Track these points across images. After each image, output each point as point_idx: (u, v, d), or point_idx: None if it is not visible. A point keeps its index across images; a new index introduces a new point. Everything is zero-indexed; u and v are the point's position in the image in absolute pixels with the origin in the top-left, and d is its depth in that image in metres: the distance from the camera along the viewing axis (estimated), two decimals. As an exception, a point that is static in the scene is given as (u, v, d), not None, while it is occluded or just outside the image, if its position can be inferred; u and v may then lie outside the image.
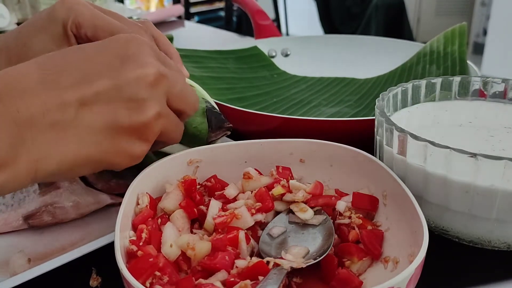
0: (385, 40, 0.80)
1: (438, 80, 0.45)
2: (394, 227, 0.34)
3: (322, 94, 0.70)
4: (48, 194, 0.41)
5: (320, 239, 0.34)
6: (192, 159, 0.40)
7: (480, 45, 2.83)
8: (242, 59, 0.75)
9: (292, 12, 3.39)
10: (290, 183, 0.38)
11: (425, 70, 0.66)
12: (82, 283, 0.35)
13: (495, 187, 0.32)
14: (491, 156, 0.31)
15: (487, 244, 0.36)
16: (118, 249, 0.29)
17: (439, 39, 0.68)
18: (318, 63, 0.79)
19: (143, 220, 0.34)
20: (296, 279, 0.31)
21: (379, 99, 0.41)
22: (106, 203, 0.42)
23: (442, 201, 0.35)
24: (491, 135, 0.39)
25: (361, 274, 0.32)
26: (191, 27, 1.38)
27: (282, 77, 0.76)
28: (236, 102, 0.61)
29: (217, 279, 0.29)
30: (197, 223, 0.36)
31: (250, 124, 0.53)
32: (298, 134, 0.44)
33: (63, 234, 0.40)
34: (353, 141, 0.42)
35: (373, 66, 0.75)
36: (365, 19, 2.81)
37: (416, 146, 0.34)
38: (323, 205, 0.37)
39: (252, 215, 0.34)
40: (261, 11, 0.87)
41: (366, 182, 0.38)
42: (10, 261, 0.36)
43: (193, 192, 0.37)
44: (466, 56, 0.64)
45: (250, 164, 0.40)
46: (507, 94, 0.44)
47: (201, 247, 0.31)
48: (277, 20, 2.90)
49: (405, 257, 0.30)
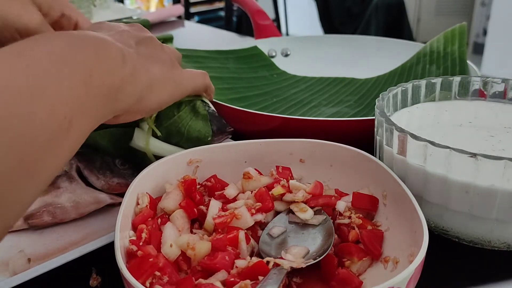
0: (385, 40, 0.80)
1: (438, 80, 0.45)
2: (394, 227, 0.34)
3: (322, 94, 0.70)
4: (48, 194, 0.41)
5: (320, 239, 0.34)
6: (192, 159, 0.40)
7: (480, 45, 2.83)
8: (242, 59, 0.75)
9: (292, 12, 3.39)
10: (290, 183, 0.38)
11: (425, 70, 0.66)
12: (82, 283, 0.35)
13: (495, 187, 0.32)
14: (491, 156, 0.31)
15: (487, 244, 0.36)
16: (118, 249, 0.29)
17: (439, 39, 0.68)
18: (318, 63, 0.79)
19: (143, 220, 0.34)
20: (296, 279, 0.31)
21: (379, 99, 0.41)
22: (106, 203, 0.42)
23: (442, 201, 0.35)
24: (491, 135, 0.39)
25: (361, 274, 0.32)
26: (191, 27, 1.38)
27: (282, 77, 0.76)
28: (236, 102, 0.61)
29: (217, 279, 0.29)
30: (197, 223, 0.36)
31: (250, 124, 0.53)
32: (298, 134, 0.44)
33: (63, 234, 0.40)
34: (353, 141, 0.42)
35: (373, 66, 0.75)
36: (365, 19, 2.81)
37: (416, 146, 0.34)
38: (323, 205, 0.37)
39: (252, 215, 0.34)
40: (261, 11, 0.87)
41: (366, 182, 0.38)
42: (10, 261, 0.36)
43: (193, 192, 0.37)
44: (466, 56, 0.64)
45: (250, 164, 0.40)
46: (507, 94, 0.44)
47: (201, 247, 0.31)
48: (277, 20, 2.90)
49: (405, 257, 0.30)
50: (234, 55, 0.75)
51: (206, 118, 0.41)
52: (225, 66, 0.72)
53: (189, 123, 0.41)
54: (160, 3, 3.33)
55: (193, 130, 0.41)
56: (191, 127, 0.41)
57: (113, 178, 0.43)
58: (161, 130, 0.41)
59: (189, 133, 0.40)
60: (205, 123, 0.41)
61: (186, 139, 0.41)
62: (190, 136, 0.41)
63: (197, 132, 0.41)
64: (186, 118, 0.41)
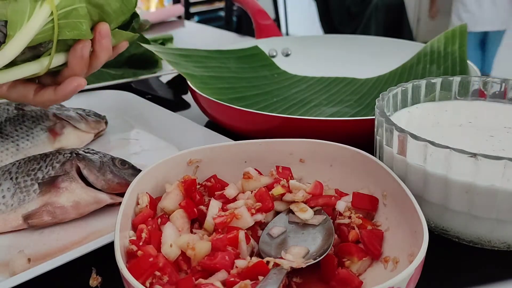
0: (385, 40, 0.80)
1: (438, 80, 0.45)
2: (394, 227, 0.34)
3: (322, 94, 0.70)
4: (48, 194, 0.41)
5: (320, 239, 0.34)
6: (192, 159, 0.40)
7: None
8: (243, 58, 0.75)
9: (292, 12, 3.39)
10: (290, 183, 0.38)
11: (425, 70, 0.66)
12: (82, 283, 0.35)
13: (495, 187, 0.32)
14: (491, 156, 0.31)
15: (487, 244, 0.36)
16: (118, 249, 0.29)
17: (439, 39, 0.68)
18: (319, 63, 0.79)
19: (143, 220, 0.34)
20: (296, 279, 0.31)
21: (379, 99, 0.41)
22: (106, 203, 0.42)
23: (442, 201, 0.35)
24: (491, 135, 0.39)
25: (361, 274, 0.32)
26: (191, 27, 1.38)
27: (282, 77, 0.76)
28: (237, 102, 0.61)
29: (217, 279, 0.29)
30: (197, 223, 0.36)
31: (250, 124, 0.53)
32: (298, 134, 0.44)
33: (63, 234, 0.40)
34: (353, 141, 0.42)
35: (373, 66, 0.75)
36: (365, 19, 2.81)
37: (416, 146, 0.34)
38: (323, 205, 0.37)
39: (252, 215, 0.34)
40: (262, 11, 0.87)
41: (366, 182, 0.38)
42: (10, 261, 0.36)
43: (193, 192, 0.37)
44: (467, 56, 0.64)
45: (250, 164, 0.40)
46: (507, 94, 0.44)
47: (201, 247, 0.31)
48: (277, 20, 2.90)
49: (405, 257, 0.30)
50: (235, 55, 0.75)
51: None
52: (226, 66, 0.72)
53: None
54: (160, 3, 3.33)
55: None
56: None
57: (113, 178, 0.43)
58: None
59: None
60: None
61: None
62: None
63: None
64: None
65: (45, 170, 0.43)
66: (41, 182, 0.41)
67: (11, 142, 0.51)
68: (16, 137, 0.52)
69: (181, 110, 0.70)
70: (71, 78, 0.43)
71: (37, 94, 0.44)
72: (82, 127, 0.55)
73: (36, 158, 0.45)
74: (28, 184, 0.42)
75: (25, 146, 0.52)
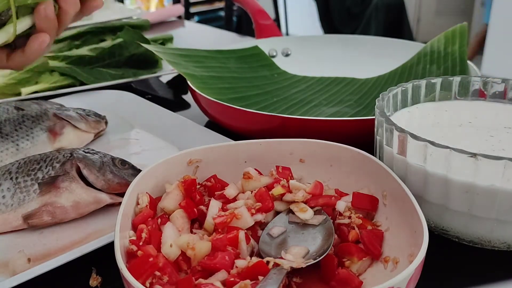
0: (385, 40, 0.80)
1: (438, 80, 0.45)
2: (394, 227, 0.34)
3: (322, 94, 0.70)
4: (48, 194, 0.41)
5: (320, 239, 0.34)
6: (192, 159, 0.40)
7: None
8: (243, 58, 0.75)
9: (292, 12, 3.39)
10: (290, 183, 0.38)
11: (425, 70, 0.66)
12: (82, 283, 0.35)
13: (495, 187, 0.32)
14: (491, 156, 0.31)
15: (487, 244, 0.36)
16: (118, 249, 0.29)
17: (439, 39, 0.68)
18: (318, 63, 0.79)
19: (143, 220, 0.34)
20: (296, 279, 0.31)
21: (379, 99, 0.41)
22: (106, 203, 0.42)
23: (442, 201, 0.35)
24: (491, 135, 0.39)
25: (361, 274, 0.32)
26: (191, 27, 1.38)
27: (282, 77, 0.76)
28: (237, 102, 0.61)
29: (217, 279, 0.29)
30: (197, 223, 0.36)
31: (250, 124, 0.53)
32: (298, 134, 0.44)
33: (63, 234, 0.40)
34: (353, 141, 0.42)
35: (373, 66, 0.75)
36: (365, 19, 2.81)
37: (416, 146, 0.34)
38: (323, 205, 0.37)
39: (252, 215, 0.34)
40: (262, 11, 0.87)
41: (366, 182, 0.38)
42: (10, 261, 0.36)
43: (193, 192, 0.37)
44: (467, 56, 0.64)
45: (250, 164, 0.40)
46: (507, 94, 0.44)
47: (201, 247, 0.31)
48: (277, 20, 2.90)
49: (405, 257, 0.30)
50: (235, 55, 0.75)
51: None
52: (226, 65, 0.72)
53: None
54: (160, 3, 3.33)
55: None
56: None
57: (113, 178, 0.43)
58: None
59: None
60: None
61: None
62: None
63: None
64: None
65: (45, 170, 0.43)
66: (41, 182, 0.41)
67: (11, 142, 0.51)
68: (16, 137, 0.52)
69: (181, 110, 0.70)
70: (34, 36, 0.44)
71: (9, 59, 0.46)
72: (82, 127, 0.55)
73: (36, 158, 0.45)
74: (28, 184, 0.42)
75: (25, 146, 0.52)
